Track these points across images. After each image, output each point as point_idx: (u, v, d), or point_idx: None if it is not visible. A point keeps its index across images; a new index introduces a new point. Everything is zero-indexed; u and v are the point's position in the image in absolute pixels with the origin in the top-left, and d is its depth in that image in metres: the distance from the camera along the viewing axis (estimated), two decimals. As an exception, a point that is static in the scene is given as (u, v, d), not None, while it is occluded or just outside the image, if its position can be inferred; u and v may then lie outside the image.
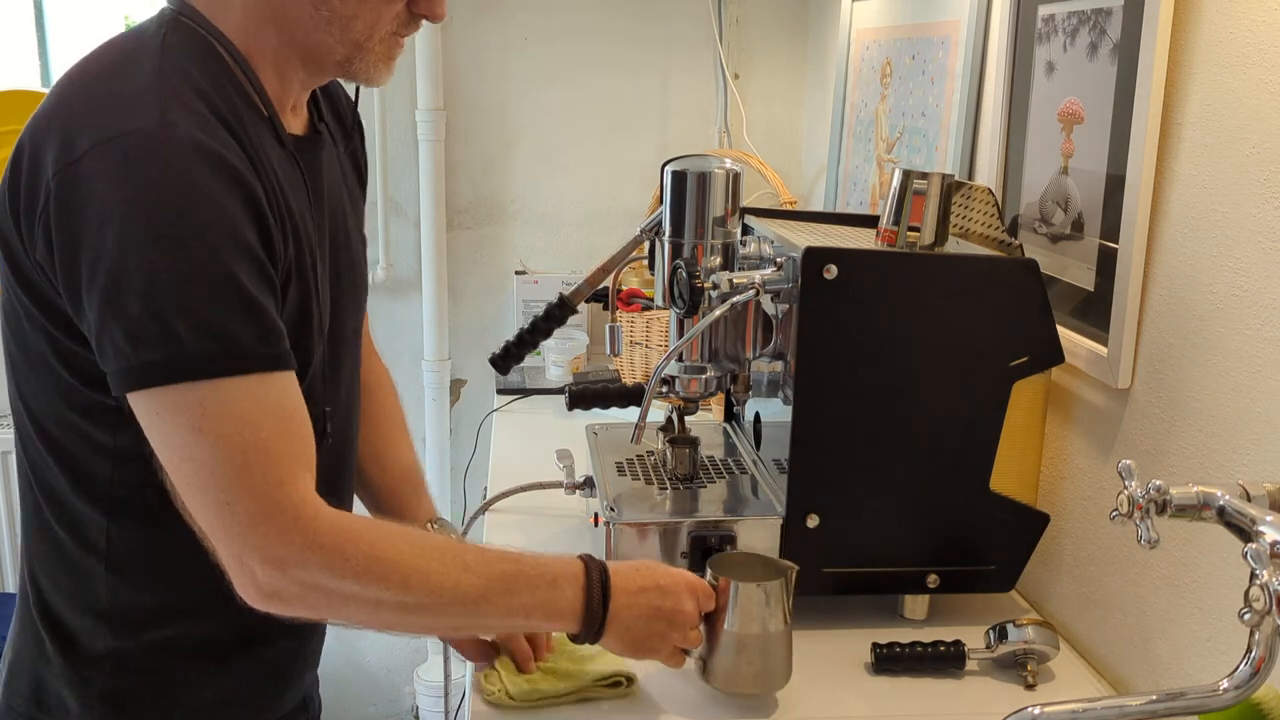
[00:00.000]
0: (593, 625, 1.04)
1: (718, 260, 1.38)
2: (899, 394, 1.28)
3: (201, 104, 0.93)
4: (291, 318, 0.99)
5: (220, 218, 0.89)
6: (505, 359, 1.48)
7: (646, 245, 1.45)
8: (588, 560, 1.07)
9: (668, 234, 1.39)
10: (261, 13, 0.99)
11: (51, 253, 0.90)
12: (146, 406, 0.90)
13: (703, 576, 1.15)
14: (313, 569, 0.92)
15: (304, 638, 1.17)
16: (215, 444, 0.88)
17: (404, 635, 1.07)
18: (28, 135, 0.93)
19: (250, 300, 0.90)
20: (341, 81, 1.17)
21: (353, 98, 1.20)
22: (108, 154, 0.88)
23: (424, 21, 1.04)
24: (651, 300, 2.25)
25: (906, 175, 1.33)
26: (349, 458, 1.21)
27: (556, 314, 1.43)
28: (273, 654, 1.12)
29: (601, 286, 2.54)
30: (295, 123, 1.08)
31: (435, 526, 1.31)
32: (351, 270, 1.15)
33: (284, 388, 0.93)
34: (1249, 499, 0.85)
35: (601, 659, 1.19)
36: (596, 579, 1.05)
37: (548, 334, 1.45)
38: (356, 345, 1.19)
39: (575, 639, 1.07)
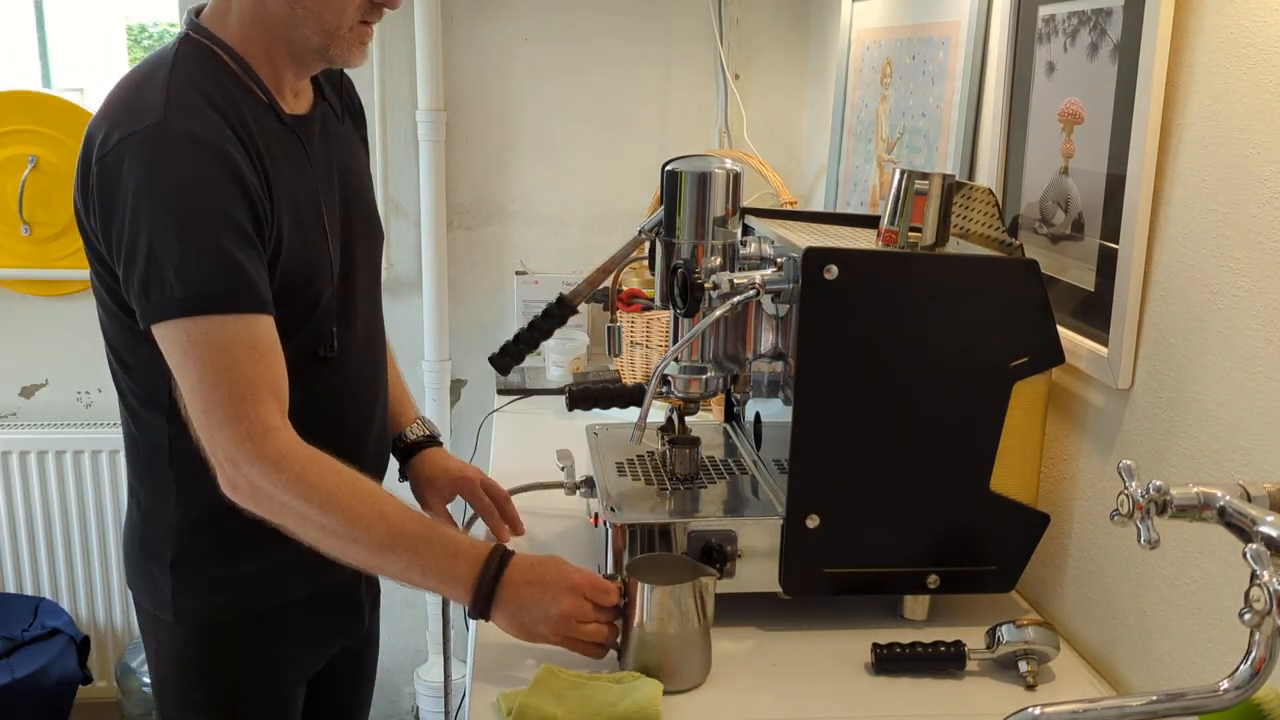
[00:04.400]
0: (478, 602, 1.18)
1: (718, 260, 1.38)
2: (899, 394, 1.28)
3: (202, 100, 1.17)
4: (296, 261, 1.23)
5: (205, 194, 1.13)
6: (505, 358, 1.49)
7: (646, 245, 1.45)
8: (500, 549, 1.21)
9: (668, 234, 1.39)
10: (251, 19, 1.23)
11: (96, 222, 1.17)
12: (158, 335, 1.15)
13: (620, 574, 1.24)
14: (255, 473, 1.14)
15: None
16: (198, 364, 1.13)
17: (330, 556, 1.19)
18: (86, 132, 1.19)
19: (230, 258, 1.13)
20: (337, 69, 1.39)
21: (350, 84, 1.45)
22: (128, 146, 1.14)
23: (385, 10, 1.26)
24: (651, 300, 2.25)
25: (907, 176, 1.33)
26: (368, 384, 1.41)
27: (556, 314, 1.43)
28: None
29: (601, 287, 2.55)
30: (298, 104, 1.31)
31: (420, 422, 1.59)
32: (364, 218, 1.39)
33: (254, 327, 1.15)
34: (1249, 499, 0.85)
35: (629, 700, 1.16)
36: (495, 563, 1.19)
37: (548, 334, 1.45)
38: (372, 280, 1.42)
39: (469, 614, 1.20)
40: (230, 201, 1.14)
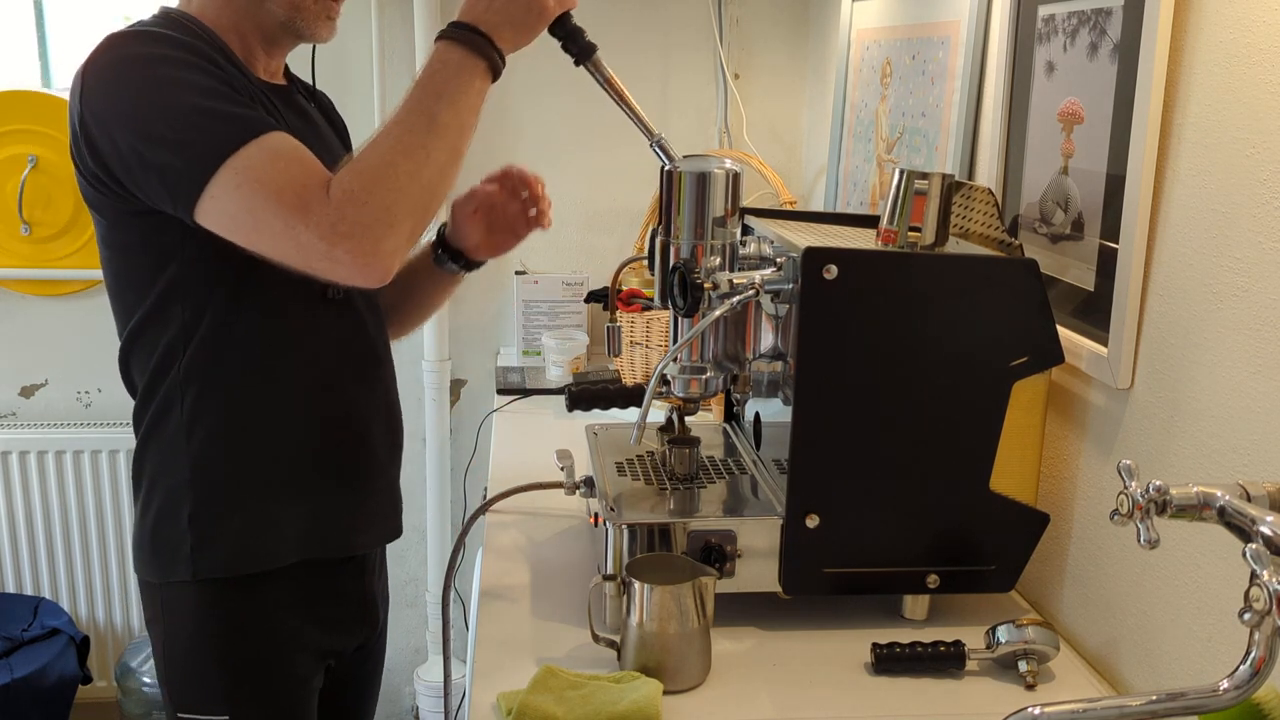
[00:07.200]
0: (476, 39, 1.22)
1: (717, 260, 1.37)
2: (899, 394, 1.28)
3: (170, 32, 1.21)
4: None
5: (183, 66, 1.17)
6: None
7: (646, 243, 1.45)
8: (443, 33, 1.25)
9: (667, 235, 1.39)
10: None
11: (89, 147, 1.19)
12: (210, 203, 1.14)
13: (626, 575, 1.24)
14: (359, 210, 1.12)
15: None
16: (256, 188, 1.13)
17: (447, 166, 1.21)
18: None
19: (223, 103, 1.16)
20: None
21: (311, 75, 1.50)
22: (96, 59, 1.18)
23: None
24: (651, 300, 2.25)
25: (907, 175, 1.33)
26: (377, 346, 1.45)
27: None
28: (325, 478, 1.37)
29: (602, 288, 2.54)
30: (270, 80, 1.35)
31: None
32: None
33: (280, 140, 1.16)
34: (1249, 499, 0.85)
35: (629, 700, 1.16)
36: (450, 28, 1.23)
37: None
38: None
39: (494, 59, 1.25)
40: (209, 71, 1.18)
